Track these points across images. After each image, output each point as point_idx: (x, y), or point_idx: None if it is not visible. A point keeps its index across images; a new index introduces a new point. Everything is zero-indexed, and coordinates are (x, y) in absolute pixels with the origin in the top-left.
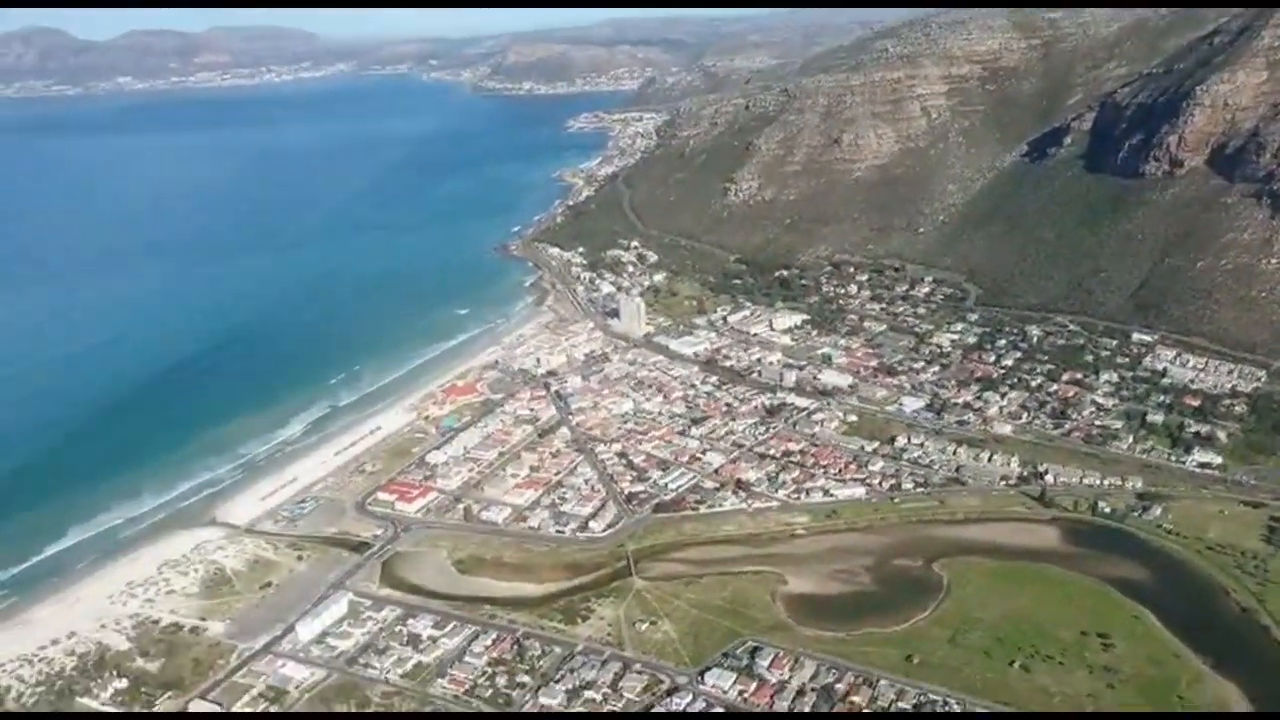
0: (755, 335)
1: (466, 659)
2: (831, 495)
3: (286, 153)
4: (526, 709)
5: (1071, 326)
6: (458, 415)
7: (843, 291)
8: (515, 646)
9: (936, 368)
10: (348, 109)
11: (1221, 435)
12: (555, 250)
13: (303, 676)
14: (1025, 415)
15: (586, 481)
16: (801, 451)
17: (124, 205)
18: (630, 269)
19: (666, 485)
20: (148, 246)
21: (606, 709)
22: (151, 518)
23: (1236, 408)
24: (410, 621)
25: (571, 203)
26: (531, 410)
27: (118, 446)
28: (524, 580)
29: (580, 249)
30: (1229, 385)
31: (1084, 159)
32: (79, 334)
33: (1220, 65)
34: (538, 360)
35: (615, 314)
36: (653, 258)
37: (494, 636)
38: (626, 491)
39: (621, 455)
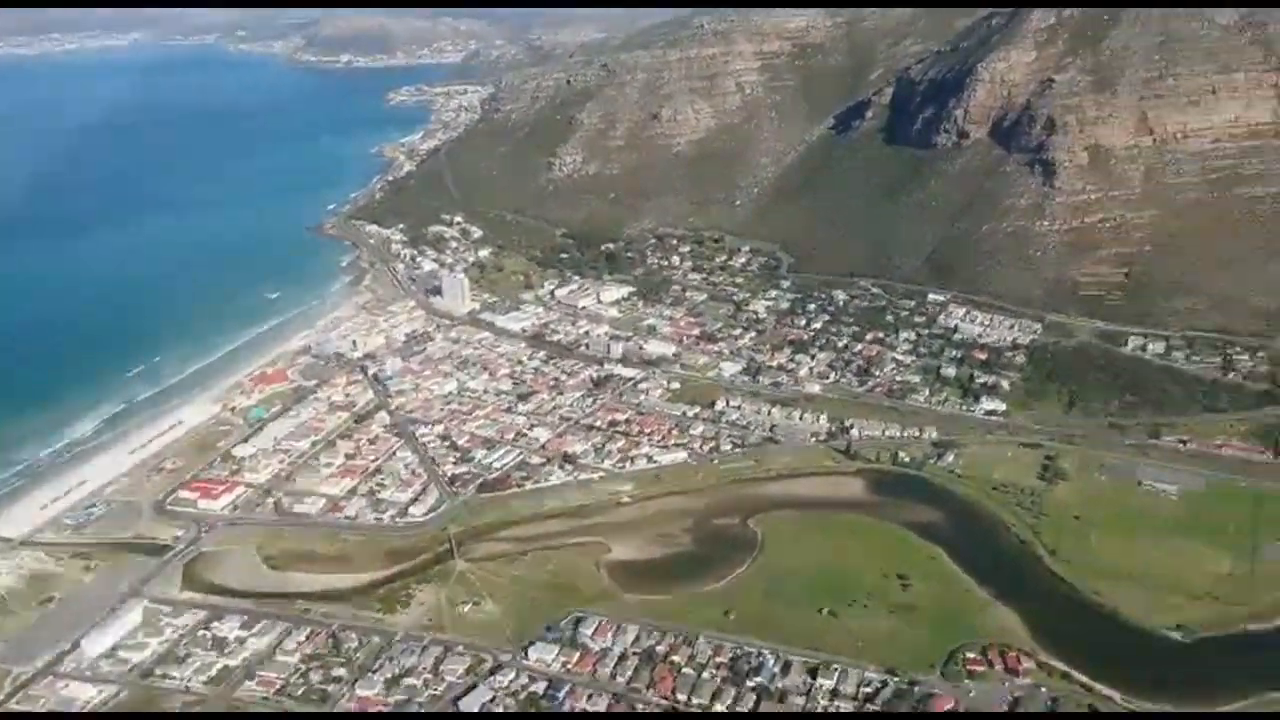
0: (583, 309)
1: (277, 658)
2: (655, 461)
3: (77, 129)
4: (344, 703)
5: (874, 290)
6: (267, 405)
7: (666, 263)
8: (330, 640)
9: (753, 333)
10: (152, 81)
11: (1005, 384)
12: (373, 228)
13: (89, 696)
14: (833, 375)
15: (406, 466)
16: (627, 421)
17: None
18: (454, 245)
19: (491, 464)
20: None
21: (428, 694)
22: None
23: (1017, 359)
24: (215, 625)
25: (392, 178)
26: (347, 395)
27: None
28: (340, 572)
29: (401, 225)
30: (1010, 339)
31: (883, 132)
32: None
33: (997, 44)
34: (354, 343)
35: (438, 291)
36: (477, 233)
37: (307, 632)
38: (449, 474)
39: (444, 437)
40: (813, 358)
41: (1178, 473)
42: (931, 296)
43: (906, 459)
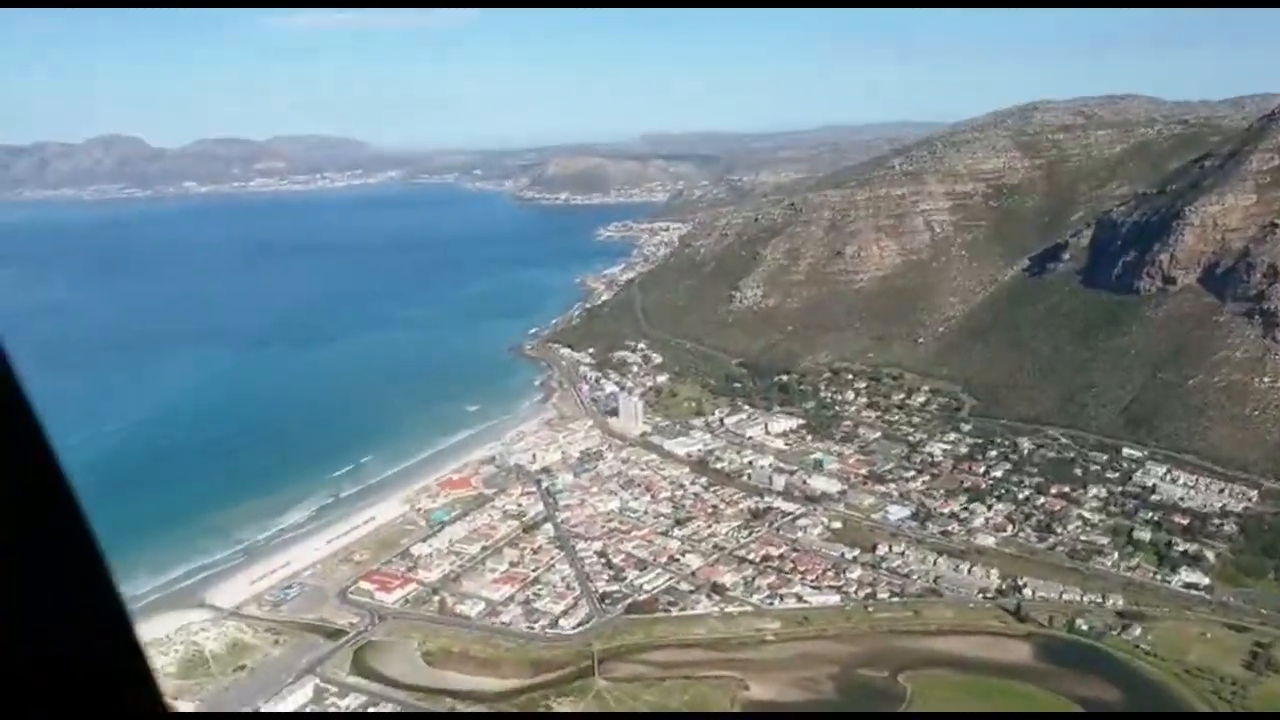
0: (749, 438)
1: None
2: (805, 601)
3: (329, 249)
4: None
5: (1062, 440)
6: (449, 509)
7: (840, 398)
8: None
9: (926, 477)
10: (393, 213)
11: (1210, 555)
12: (566, 350)
13: None
14: (1010, 528)
15: (563, 579)
16: (781, 556)
17: (163, 293)
18: (634, 369)
19: (641, 585)
20: (177, 335)
21: None
22: (144, 599)
23: (1226, 527)
24: (371, 710)
25: (589, 306)
26: (520, 506)
27: (119, 528)
28: (488, 675)
29: (590, 349)
30: (1219, 505)
31: (1081, 275)
32: (103, 416)
33: (1210, 188)
34: (533, 456)
35: (615, 413)
36: (657, 359)
37: None
38: (601, 590)
39: (601, 554)
40: (989, 508)
41: None
42: (1127, 451)
43: (1085, 627)
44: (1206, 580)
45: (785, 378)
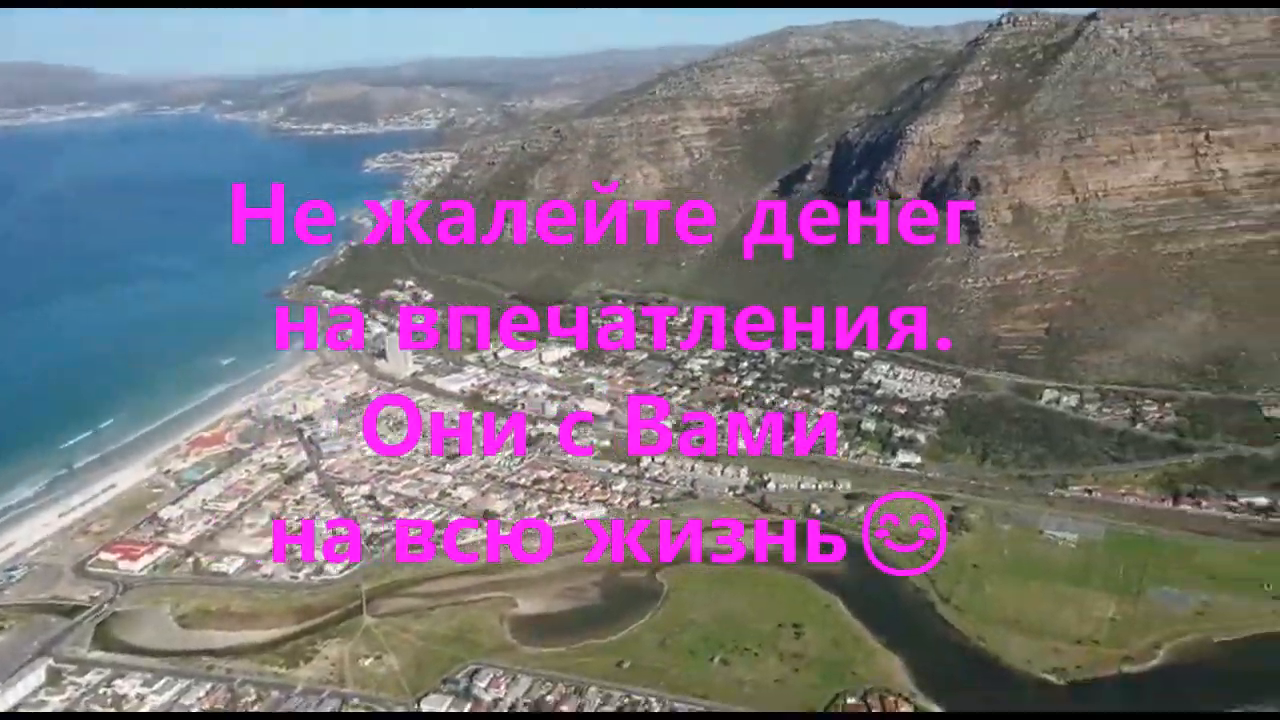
0: (524, 369)
1: (176, 712)
2: (573, 518)
3: (57, 197)
4: None
5: (804, 347)
6: (201, 468)
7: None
8: (229, 695)
9: (688, 391)
10: (129, 150)
11: (921, 438)
12: (329, 293)
13: None
14: (757, 430)
15: (329, 526)
16: (552, 478)
17: None
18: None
19: None
20: None
21: None
22: None
23: (935, 413)
24: (117, 682)
25: (355, 243)
26: (280, 458)
27: None
28: (250, 629)
29: (355, 290)
30: (930, 393)
31: (823, 194)
32: None
33: (926, 109)
34: (294, 406)
35: (383, 355)
36: (428, 296)
37: (207, 688)
38: (370, 532)
39: (369, 496)
40: (740, 414)
41: (1080, 522)
42: (858, 354)
43: (818, 511)
44: (919, 460)
45: (559, 307)
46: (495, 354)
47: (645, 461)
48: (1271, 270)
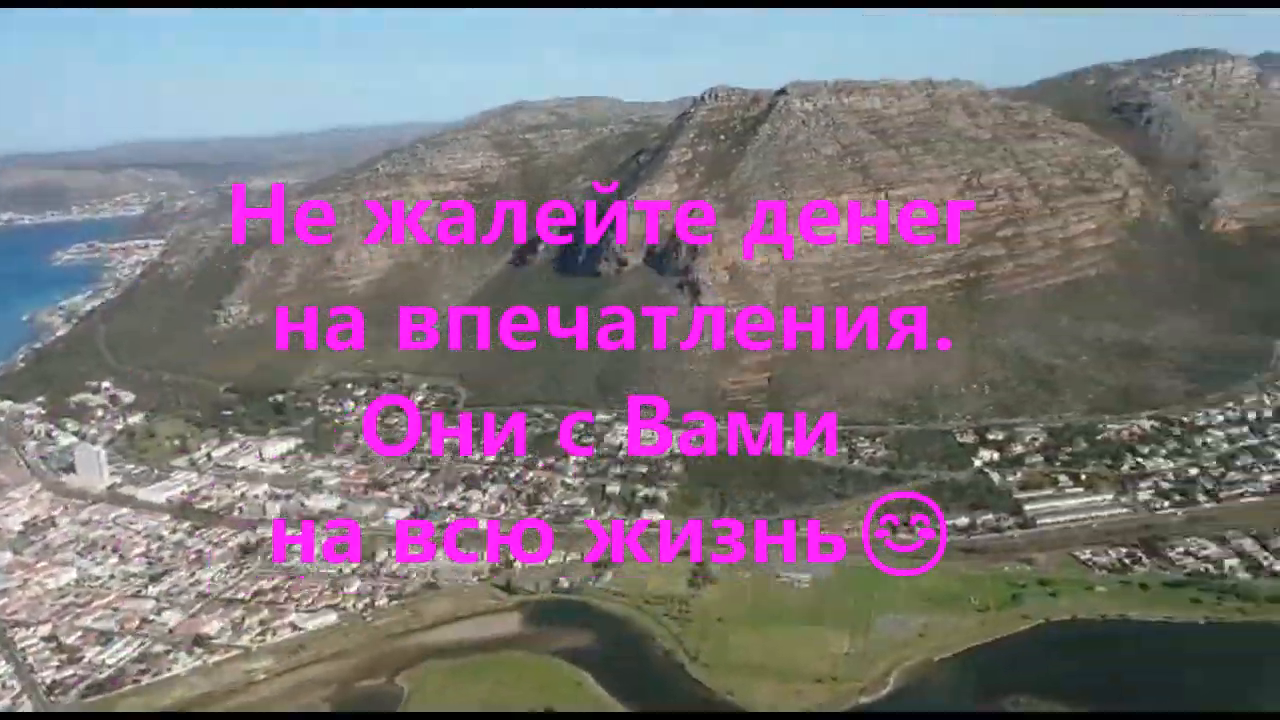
0: (242, 469)
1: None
2: (300, 629)
3: None
4: None
5: (547, 415)
6: None
7: (340, 410)
8: None
9: (427, 474)
10: None
11: (664, 495)
12: (6, 404)
13: None
14: (504, 506)
15: None
16: (275, 588)
17: None
18: (100, 414)
19: (104, 661)
20: None
21: None
22: None
23: (675, 468)
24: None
25: (39, 346)
26: None
27: None
28: None
29: (39, 398)
30: (669, 450)
31: (556, 263)
32: None
33: (644, 178)
34: None
35: (72, 468)
36: (129, 397)
37: None
38: (50, 680)
39: (50, 638)
40: (484, 492)
41: (812, 562)
42: (600, 416)
43: (566, 584)
44: (662, 517)
45: (280, 397)
46: (209, 455)
47: (381, 555)
48: (950, 310)
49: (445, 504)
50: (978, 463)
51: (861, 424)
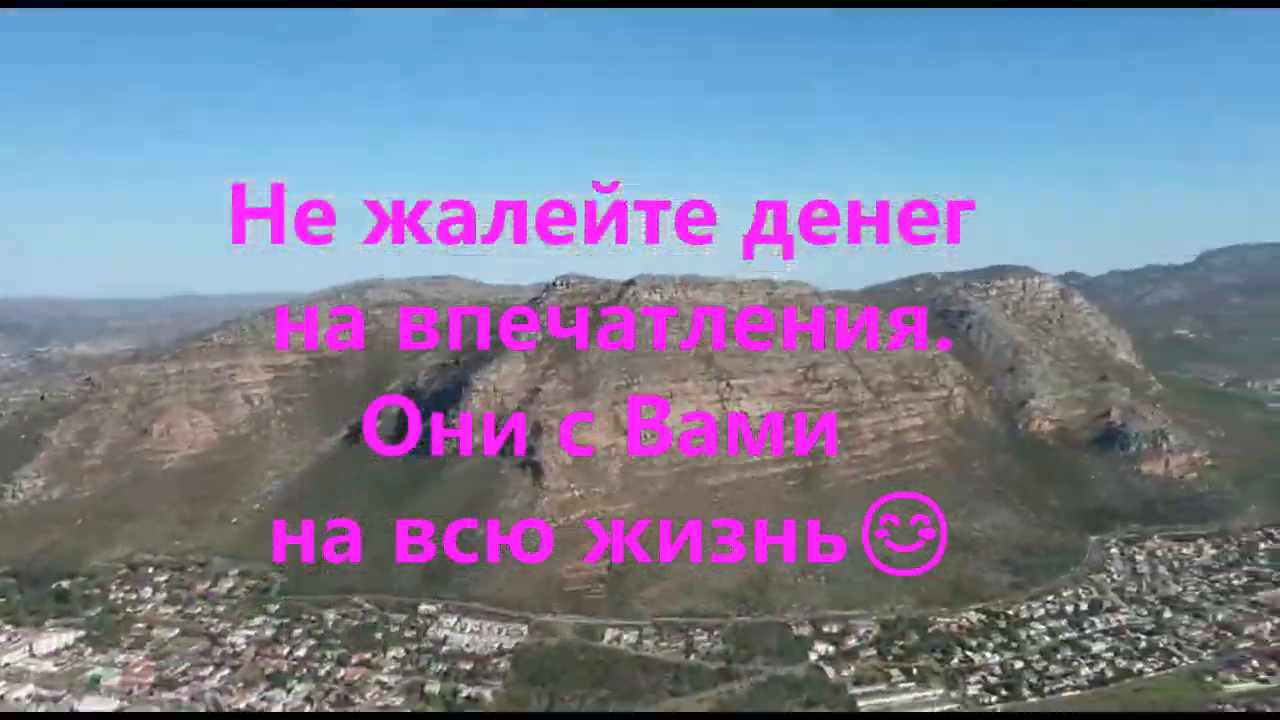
0: (5, 666)
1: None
2: None
3: None
4: None
5: (366, 606)
6: None
7: (134, 598)
8: None
9: (226, 670)
10: None
11: (488, 694)
12: None
13: None
14: (309, 707)
15: None
16: None
17: None
18: None
19: None
20: None
21: None
22: None
23: (501, 665)
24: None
25: None
26: None
27: None
28: None
29: None
30: (496, 644)
31: (392, 440)
32: None
33: (491, 358)
34: None
35: None
36: None
37: None
38: None
39: None
40: (289, 691)
41: None
42: (424, 608)
43: None
44: None
45: (66, 583)
46: None
47: None
48: (789, 498)
49: (243, 705)
50: (814, 656)
51: (699, 616)
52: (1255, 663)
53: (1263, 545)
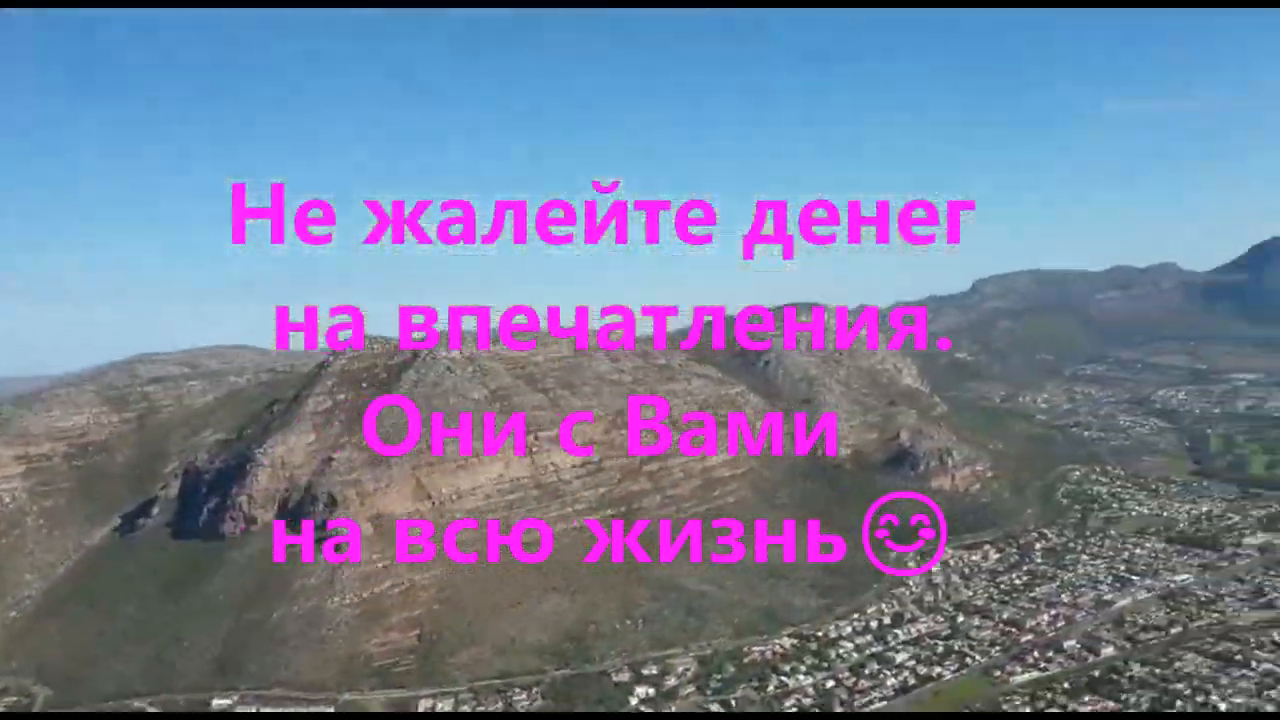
0: None
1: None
2: None
3: None
4: None
5: (150, 709)
6: None
7: None
8: None
9: None
10: None
11: None
12: None
13: None
14: None
15: None
16: None
17: None
18: None
19: None
20: None
21: None
22: None
23: None
24: None
25: None
26: None
27: None
28: None
29: None
30: None
31: (171, 527)
32: None
33: (277, 429)
34: None
35: None
36: None
37: None
38: None
39: None
40: None
41: None
42: (217, 702)
43: None
44: None
45: None
46: None
47: None
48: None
49: None
50: (634, 701)
51: (516, 675)
52: (1036, 653)
53: (1038, 545)
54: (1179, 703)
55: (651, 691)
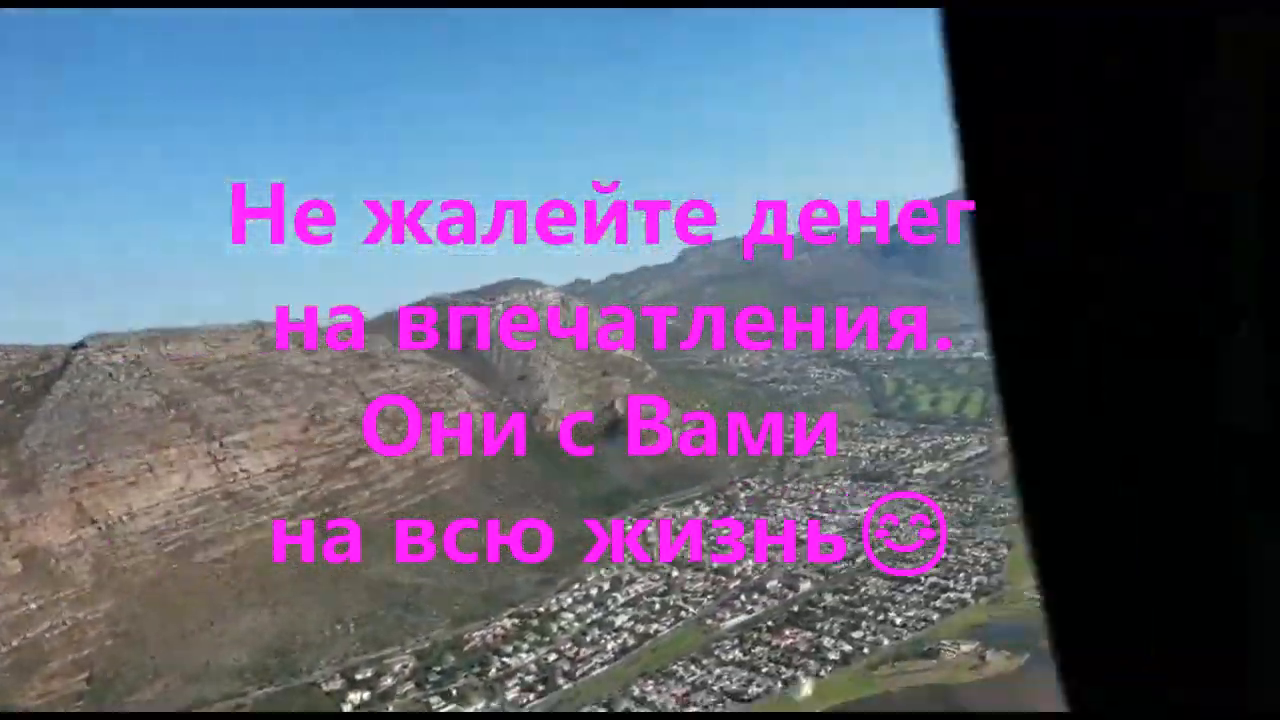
0: None
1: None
2: None
3: None
4: None
5: None
6: None
7: None
8: None
9: None
10: None
11: None
12: None
13: None
14: None
15: None
16: None
17: None
18: None
19: None
20: None
21: None
22: None
23: None
24: None
25: None
26: None
27: None
28: None
29: None
30: None
31: None
32: None
33: None
34: None
35: None
36: None
37: None
38: None
39: None
40: None
41: None
42: None
43: None
44: None
45: None
46: None
47: None
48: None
49: None
50: (347, 707)
51: (215, 700)
52: (743, 597)
53: (742, 495)
54: (864, 623)
55: (367, 695)
